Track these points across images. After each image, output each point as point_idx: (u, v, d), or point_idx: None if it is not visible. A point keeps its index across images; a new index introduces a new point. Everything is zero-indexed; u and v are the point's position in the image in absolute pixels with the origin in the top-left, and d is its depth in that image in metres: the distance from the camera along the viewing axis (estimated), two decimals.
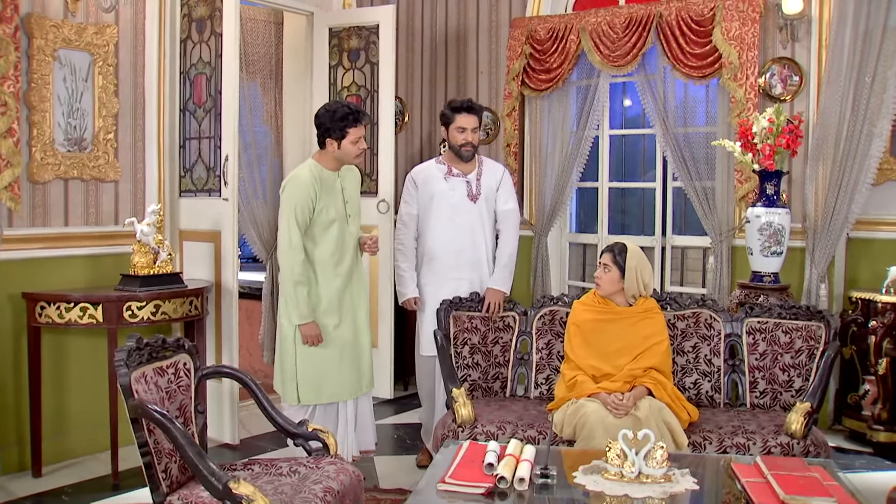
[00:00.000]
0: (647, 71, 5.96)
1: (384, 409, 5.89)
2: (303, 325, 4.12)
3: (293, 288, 4.08)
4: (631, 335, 3.97)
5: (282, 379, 4.24)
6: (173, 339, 3.31)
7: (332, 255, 4.17)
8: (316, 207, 4.09)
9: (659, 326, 4.04)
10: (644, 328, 3.99)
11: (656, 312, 4.07)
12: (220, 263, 5.17)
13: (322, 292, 4.18)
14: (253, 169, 6.31)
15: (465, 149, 4.61)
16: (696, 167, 5.76)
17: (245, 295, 6.55)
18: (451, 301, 4.55)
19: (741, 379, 4.27)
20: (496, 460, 3.08)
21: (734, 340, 4.32)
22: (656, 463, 2.99)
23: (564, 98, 6.40)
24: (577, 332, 4.06)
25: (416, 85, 7.17)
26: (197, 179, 5.32)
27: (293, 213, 4.06)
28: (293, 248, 4.07)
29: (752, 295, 5.11)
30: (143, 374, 3.06)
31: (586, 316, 4.08)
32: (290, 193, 4.11)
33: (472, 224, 4.65)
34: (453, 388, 4.06)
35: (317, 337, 4.14)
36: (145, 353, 3.12)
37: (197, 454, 2.83)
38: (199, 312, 4.88)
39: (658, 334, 4.01)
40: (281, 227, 4.12)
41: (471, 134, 4.59)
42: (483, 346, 4.55)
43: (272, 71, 6.45)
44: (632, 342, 3.96)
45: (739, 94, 5.44)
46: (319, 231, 4.14)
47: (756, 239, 5.13)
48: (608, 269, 4.04)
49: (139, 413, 2.90)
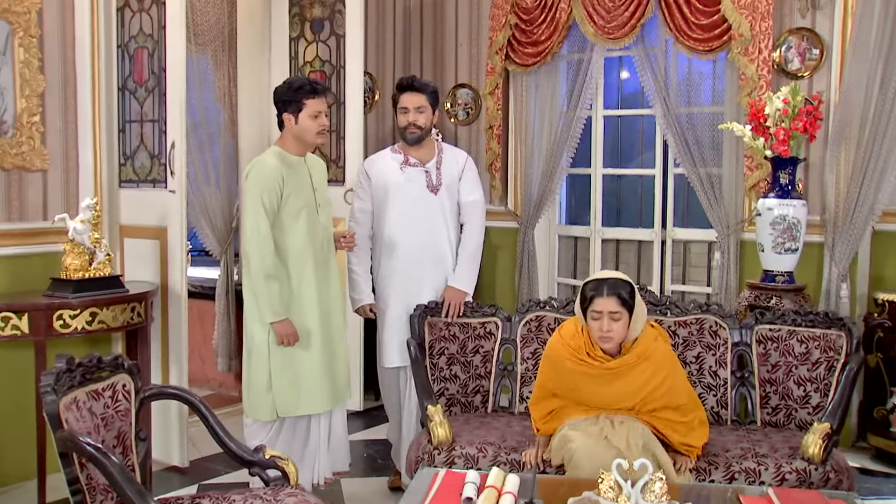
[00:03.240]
0: (646, 44, 5.93)
1: (353, 422, 5.82)
2: (277, 323, 4.11)
3: (265, 282, 4.08)
4: (625, 387, 3.67)
5: (253, 392, 4.22)
6: (111, 357, 3.25)
7: (302, 247, 4.18)
8: (284, 192, 4.11)
9: (657, 364, 3.68)
10: (640, 374, 3.68)
11: (653, 347, 3.70)
12: (166, 263, 5.13)
13: (294, 288, 4.19)
14: (204, 151, 6.28)
15: (408, 131, 4.63)
16: (700, 152, 5.74)
17: (196, 294, 6.57)
18: (426, 306, 4.55)
19: (750, 393, 4.26)
20: (475, 493, 3.04)
21: (743, 350, 4.31)
22: (655, 496, 2.94)
23: (553, 74, 6.38)
24: (555, 375, 3.78)
25: (388, 59, 7.15)
26: (139, 168, 5.27)
27: (260, 199, 4.07)
28: (262, 238, 4.07)
29: (763, 297, 5.09)
30: (75, 399, 2.99)
31: (568, 365, 3.71)
32: (255, 179, 4.11)
33: (432, 218, 4.66)
34: (429, 405, 4.04)
35: (293, 335, 4.13)
36: (77, 376, 3.06)
37: (137, 493, 2.76)
38: (142, 320, 4.83)
39: (657, 373, 3.67)
40: (246, 217, 4.13)
41: (415, 114, 4.61)
42: (462, 355, 4.54)
43: (225, 42, 6.41)
44: (626, 393, 3.67)
45: (751, 71, 5.41)
46: (288, 220, 4.15)
47: (768, 234, 5.10)
48: (619, 318, 3.58)
49: (69, 447, 2.83)
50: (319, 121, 4.18)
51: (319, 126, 4.19)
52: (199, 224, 6.30)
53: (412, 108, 4.61)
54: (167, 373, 5.14)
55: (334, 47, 6.10)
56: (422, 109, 4.62)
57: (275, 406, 4.19)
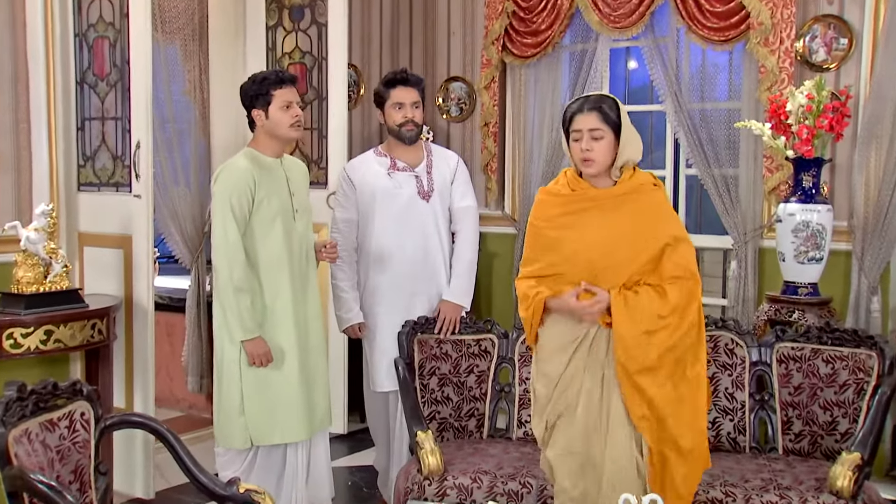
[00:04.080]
0: (655, 33, 5.94)
1: (337, 447, 5.81)
2: (248, 342, 4.08)
3: (234, 295, 4.05)
4: (619, 226, 3.40)
5: (224, 417, 4.20)
6: (68, 382, 3.17)
7: (278, 258, 4.16)
8: (256, 197, 4.10)
9: (664, 211, 3.45)
10: (641, 216, 3.41)
11: (654, 188, 3.47)
12: (131, 275, 5.10)
13: (268, 302, 4.16)
14: (172, 150, 6.24)
15: (406, 128, 4.60)
16: (715, 152, 5.74)
17: (164, 307, 6.53)
18: (416, 322, 4.53)
19: (771, 418, 4.23)
20: None
21: (762, 370, 4.28)
22: None
23: (555, 66, 6.38)
24: (537, 235, 3.56)
25: (374, 50, 7.14)
26: (100, 170, 5.24)
27: (228, 205, 4.05)
28: (231, 247, 4.05)
29: (785, 311, 5.06)
30: (27, 431, 2.91)
31: (552, 211, 3.51)
32: (224, 183, 4.10)
33: (425, 227, 4.65)
34: (419, 431, 4.02)
35: (265, 355, 4.11)
36: (29, 404, 2.97)
37: None
38: (104, 338, 4.79)
39: (657, 221, 3.40)
40: (215, 225, 4.11)
41: (411, 109, 4.60)
42: (455, 376, 4.53)
43: (195, 31, 6.34)
44: (621, 236, 3.39)
45: (771, 63, 5.39)
46: (262, 227, 4.13)
47: (789, 241, 5.06)
48: (600, 135, 3.35)
49: (19, 485, 2.76)
50: (292, 111, 4.16)
51: (293, 117, 4.17)
52: (167, 230, 6.25)
53: (408, 104, 4.59)
54: (132, 395, 5.11)
55: (315, 37, 6.07)
56: (417, 105, 4.61)
57: (248, 433, 4.16)
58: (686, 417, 3.38)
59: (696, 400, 3.41)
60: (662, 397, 3.35)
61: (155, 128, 5.48)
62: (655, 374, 3.35)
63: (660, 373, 3.35)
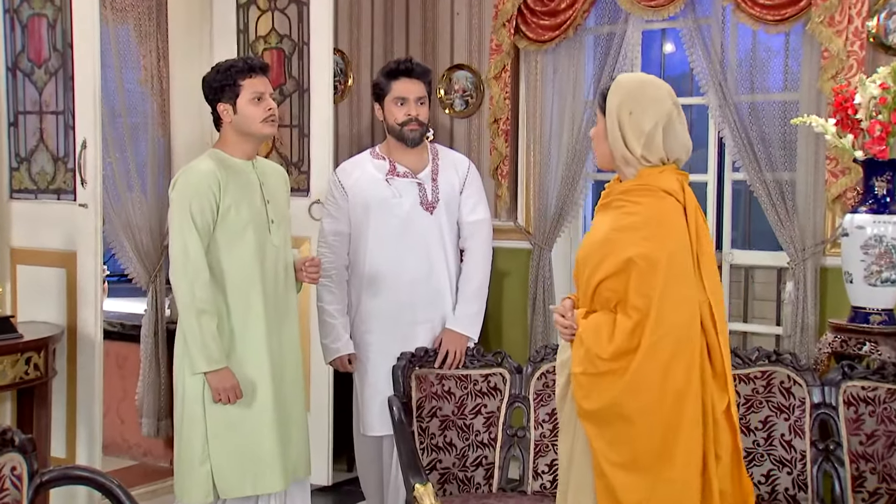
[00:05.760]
0: (696, 13, 5.89)
1: (320, 501, 5.85)
2: (211, 374, 4.10)
3: (196, 319, 4.07)
4: (598, 231, 3.46)
5: (185, 465, 4.21)
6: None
7: (248, 275, 4.20)
8: (221, 205, 4.15)
9: (652, 222, 3.35)
10: (620, 222, 3.40)
11: (661, 194, 3.40)
12: (75, 298, 5.11)
13: (236, 328, 4.21)
14: (125, 148, 6.27)
15: (408, 127, 4.64)
16: (767, 153, 5.67)
17: (115, 335, 6.60)
18: (414, 355, 4.57)
19: (838, 472, 4.18)
20: None
21: (826, 414, 4.24)
22: None
23: (577, 53, 6.36)
24: None
25: (365, 33, 7.12)
26: (38, 175, 5.28)
27: (188, 213, 4.10)
28: (191, 263, 4.09)
29: (853, 342, 4.92)
30: None
31: None
32: (182, 189, 4.16)
33: (428, 244, 4.70)
34: (416, 484, 4.00)
35: (233, 389, 4.12)
36: None
37: None
38: (40, 374, 4.81)
39: (642, 235, 3.32)
40: (173, 237, 4.18)
41: (416, 106, 4.65)
42: (459, 417, 4.54)
43: (152, 8, 6.36)
44: (593, 243, 3.45)
45: (837, 46, 5.31)
46: (228, 239, 4.18)
47: (858, 259, 4.95)
48: (597, 121, 3.57)
49: None
50: (264, 104, 4.21)
51: (265, 111, 4.21)
52: (118, 243, 6.26)
53: (412, 99, 4.62)
54: (74, 443, 5.10)
55: (295, 18, 6.05)
56: (423, 101, 4.66)
57: (212, 484, 4.16)
58: None
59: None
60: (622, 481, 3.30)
61: (105, 123, 5.47)
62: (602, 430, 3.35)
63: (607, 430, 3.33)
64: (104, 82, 5.26)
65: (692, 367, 3.25)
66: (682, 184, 3.41)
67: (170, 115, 6.46)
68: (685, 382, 3.25)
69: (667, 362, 3.23)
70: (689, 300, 3.29)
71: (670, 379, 3.23)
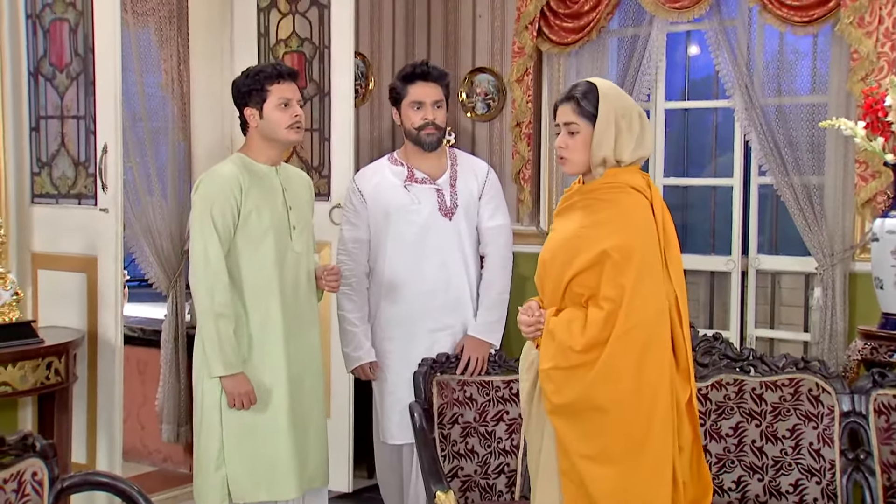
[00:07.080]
0: (722, 14, 5.88)
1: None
2: (227, 378, 4.11)
3: (214, 323, 4.09)
4: (567, 229, 3.49)
5: (202, 470, 4.23)
6: (17, 435, 3.11)
7: (267, 280, 4.22)
8: (242, 209, 4.17)
9: (624, 217, 3.39)
10: (591, 217, 3.44)
11: (629, 191, 3.43)
12: (96, 303, 5.11)
13: (255, 333, 4.22)
14: (145, 152, 6.27)
15: (425, 132, 4.65)
16: (794, 156, 5.64)
17: (135, 340, 6.59)
18: (435, 361, 4.54)
19: (869, 482, 4.13)
20: None
21: (856, 423, 4.20)
22: None
23: (600, 56, 6.35)
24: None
25: (386, 37, 7.11)
26: (59, 179, 5.28)
27: (209, 217, 4.12)
28: (211, 267, 4.11)
29: (884, 349, 4.88)
30: None
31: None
32: (205, 193, 4.17)
33: (447, 251, 4.72)
34: (438, 492, 3.97)
35: (247, 395, 4.14)
36: None
37: None
38: (61, 379, 4.80)
39: (614, 228, 3.36)
40: (193, 241, 4.19)
41: (432, 110, 4.65)
42: (481, 424, 4.50)
43: (173, 13, 6.37)
44: (563, 240, 3.49)
45: (867, 47, 5.26)
46: (248, 243, 4.20)
47: (889, 265, 4.91)
48: (575, 130, 3.46)
49: None
50: (291, 111, 4.23)
51: (292, 118, 4.23)
52: (138, 248, 6.26)
53: (429, 103, 4.62)
54: (94, 449, 5.11)
55: (316, 21, 6.05)
56: (440, 104, 4.66)
57: (226, 489, 4.19)
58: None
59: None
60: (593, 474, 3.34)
61: (125, 128, 5.50)
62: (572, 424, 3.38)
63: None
64: (125, 86, 5.29)
65: (664, 358, 3.32)
66: (647, 181, 3.48)
67: (190, 120, 6.48)
68: (658, 374, 3.30)
69: (640, 353, 3.29)
70: (659, 292, 3.36)
71: (646, 370, 3.29)
